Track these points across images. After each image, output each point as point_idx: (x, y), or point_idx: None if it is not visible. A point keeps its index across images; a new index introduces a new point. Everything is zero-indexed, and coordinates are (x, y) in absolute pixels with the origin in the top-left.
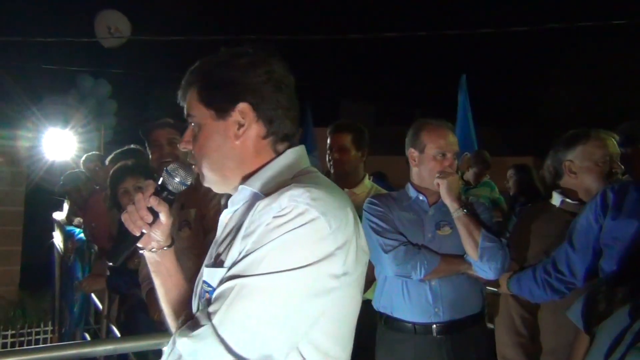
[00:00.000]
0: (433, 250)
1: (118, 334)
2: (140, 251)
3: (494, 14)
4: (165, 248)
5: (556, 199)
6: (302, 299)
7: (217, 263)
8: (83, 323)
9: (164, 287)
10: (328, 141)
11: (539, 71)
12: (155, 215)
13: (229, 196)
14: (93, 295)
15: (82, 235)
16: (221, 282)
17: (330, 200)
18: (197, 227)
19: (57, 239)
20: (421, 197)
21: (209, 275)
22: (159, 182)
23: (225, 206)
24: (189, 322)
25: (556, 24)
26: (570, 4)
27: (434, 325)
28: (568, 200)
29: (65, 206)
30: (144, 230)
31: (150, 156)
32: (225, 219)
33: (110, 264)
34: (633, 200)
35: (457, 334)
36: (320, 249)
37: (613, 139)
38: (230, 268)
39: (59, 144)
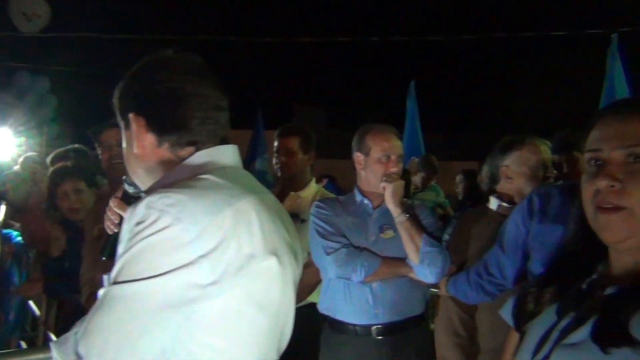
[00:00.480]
0: (375, 253)
1: None
2: None
3: (442, 23)
4: None
5: (493, 203)
6: (153, 310)
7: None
8: (19, 331)
9: None
10: (275, 144)
11: (486, 79)
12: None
13: None
14: (30, 302)
15: (19, 238)
16: None
17: (194, 205)
18: None
19: None
20: (366, 201)
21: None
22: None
23: None
24: None
25: (502, 33)
26: (515, 16)
27: (374, 327)
28: (504, 204)
29: (2, 208)
30: (115, 230)
31: (100, 157)
32: None
33: (104, 258)
34: (557, 205)
35: (397, 336)
36: (176, 257)
37: (546, 146)
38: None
39: None
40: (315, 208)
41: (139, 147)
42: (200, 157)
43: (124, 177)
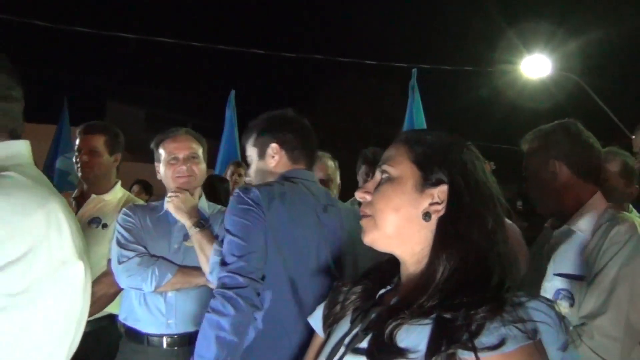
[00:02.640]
0: (174, 262)
1: None
2: None
3: (266, 37)
4: None
5: None
6: None
7: None
8: None
9: None
10: (77, 142)
11: (304, 96)
12: None
13: None
14: None
15: None
16: None
17: (1, 205)
18: None
19: None
20: None
21: None
22: None
23: None
24: None
25: (320, 55)
26: (335, 41)
27: (165, 337)
28: None
29: None
30: None
31: None
32: None
33: None
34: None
35: (190, 347)
36: None
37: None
38: None
39: None
40: (121, 215)
41: None
42: None
43: None
